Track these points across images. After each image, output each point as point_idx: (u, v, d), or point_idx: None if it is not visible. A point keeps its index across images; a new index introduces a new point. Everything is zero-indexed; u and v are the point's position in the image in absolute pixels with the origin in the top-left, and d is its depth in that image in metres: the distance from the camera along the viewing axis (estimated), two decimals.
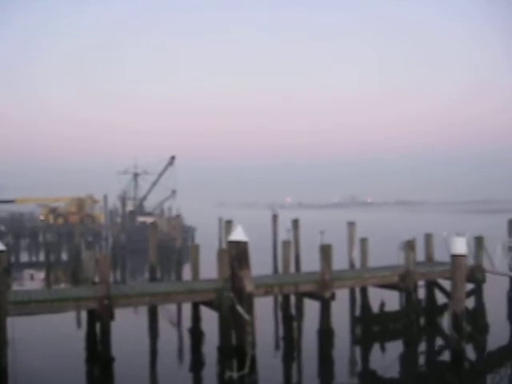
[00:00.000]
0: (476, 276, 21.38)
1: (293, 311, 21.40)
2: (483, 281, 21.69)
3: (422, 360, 18.51)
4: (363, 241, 24.33)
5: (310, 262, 22.70)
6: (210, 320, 18.30)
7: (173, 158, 66.26)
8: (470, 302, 21.55)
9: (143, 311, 22.15)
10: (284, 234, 30.35)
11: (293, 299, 21.58)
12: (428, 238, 24.64)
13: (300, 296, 20.84)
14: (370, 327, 21.51)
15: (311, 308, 20.62)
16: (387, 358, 18.18)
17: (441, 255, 23.11)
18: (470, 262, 21.60)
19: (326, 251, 18.26)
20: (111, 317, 15.71)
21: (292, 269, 25.86)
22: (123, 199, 66.36)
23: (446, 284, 20.27)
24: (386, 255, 24.34)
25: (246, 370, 10.06)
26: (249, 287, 9.86)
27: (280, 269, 27.02)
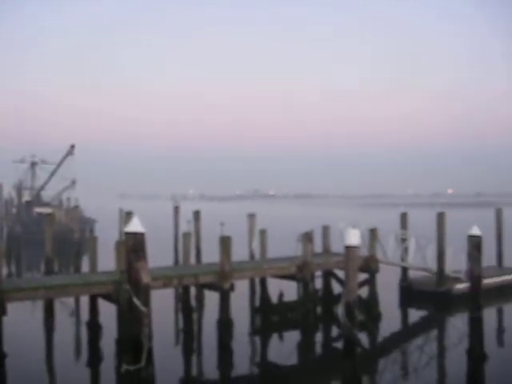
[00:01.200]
0: (370, 266, 22.25)
1: (193, 303, 21.38)
2: (377, 271, 22.60)
3: (318, 348, 19.05)
4: (263, 232, 24.67)
5: (211, 254, 22.73)
6: (109, 313, 17.96)
7: (72, 146, 63.87)
8: (365, 291, 22.49)
9: (39, 305, 21.44)
10: (185, 226, 30.21)
11: (193, 291, 21.57)
12: (325, 230, 25.37)
13: (200, 287, 20.87)
14: (269, 317, 21.88)
15: (211, 299, 20.70)
16: (285, 347, 18.59)
17: (338, 246, 23.89)
18: (365, 252, 22.50)
19: (225, 243, 18.33)
20: (3, 312, 15.04)
21: (193, 260, 25.78)
22: (19, 189, 63.68)
23: (342, 274, 20.96)
24: (285, 247, 24.80)
25: (143, 362, 9.93)
26: (145, 279, 9.73)
27: (180, 260, 26.93)
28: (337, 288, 23.17)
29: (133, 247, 9.72)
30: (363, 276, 22.18)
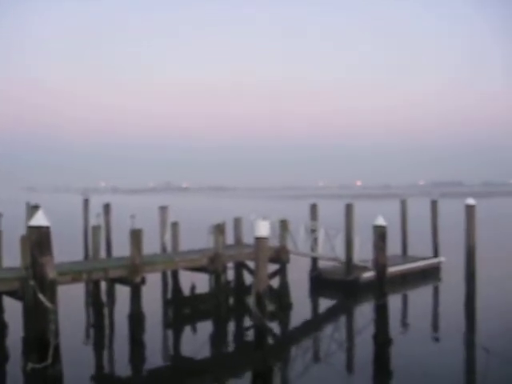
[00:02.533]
0: (281, 257, 22.62)
1: (103, 297, 20.99)
2: (287, 261, 23.00)
3: (230, 339, 19.17)
4: (174, 225, 24.52)
5: (122, 247, 22.37)
6: (15, 310, 17.31)
7: None
8: (276, 282, 22.86)
9: None
10: (94, 219, 29.53)
11: (103, 285, 21.17)
12: (237, 221, 25.55)
13: (110, 282, 20.47)
14: (181, 310, 21.84)
15: (122, 293, 20.39)
16: (198, 339, 18.59)
17: (250, 238, 24.13)
18: (276, 244, 22.85)
19: (136, 236, 18.07)
20: None
21: (103, 254, 25.28)
22: None
23: (254, 265, 21.19)
24: (197, 239, 24.80)
25: (49, 360, 9.66)
26: (51, 274, 9.45)
27: (90, 255, 26.32)
28: (249, 279, 23.38)
29: (37, 242, 9.42)
30: (274, 267, 22.56)
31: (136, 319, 17.67)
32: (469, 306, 21.65)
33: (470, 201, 22.45)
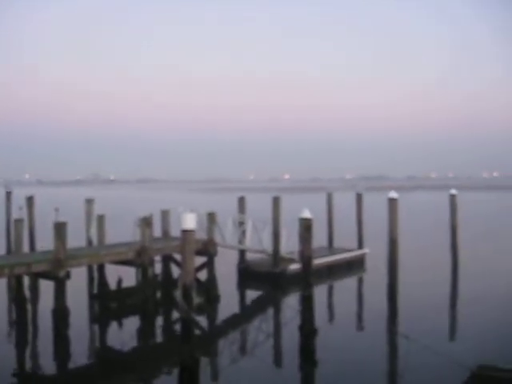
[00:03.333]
0: (208, 249, 22.63)
1: (26, 292, 20.43)
2: (215, 254, 23.04)
3: (158, 333, 19.08)
4: (100, 218, 24.09)
5: (46, 241, 21.82)
6: None
7: None
8: (204, 274, 22.89)
9: None
10: (17, 212, 28.62)
11: (26, 280, 20.60)
12: (164, 214, 25.40)
13: (34, 276, 19.96)
14: (108, 304, 21.52)
15: (47, 288, 19.93)
16: (125, 333, 18.37)
17: (178, 231, 24.04)
18: (204, 236, 22.86)
19: (60, 229, 17.66)
20: None
21: (26, 248, 24.58)
22: None
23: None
24: (124, 232, 24.48)
25: None
26: None
27: (13, 249, 25.51)
28: (176, 272, 23.33)
29: None
30: (202, 259, 22.58)
31: (60, 314, 17.32)
32: (391, 295, 22.35)
33: (393, 194, 23.13)
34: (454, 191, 30.36)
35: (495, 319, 18.95)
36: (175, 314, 20.23)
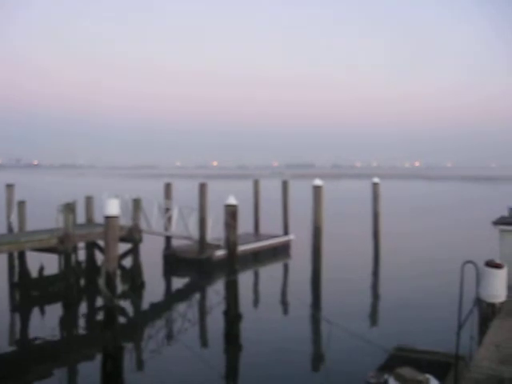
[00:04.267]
0: (133, 236, 22.36)
1: None
2: (140, 240, 22.79)
3: (81, 321, 18.73)
4: (21, 204, 23.33)
5: None
6: None
7: None
8: (129, 261, 22.63)
9: None
10: None
11: None
12: (88, 200, 24.87)
13: None
14: (29, 292, 20.95)
15: None
16: (47, 322, 17.95)
17: (102, 217, 23.63)
18: (129, 222, 22.57)
19: None
20: None
21: None
22: None
23: None
24: (46, 218, 23.84)
25: None
26: None
27: None
28: (101, 259, 22.91)
29: None
30: (127, 246, 22.30)
31: None
32: (315, 280, 22.80)
33: (318, 182, 23.51)
34: (376, 180, 31.18)
35: (413, 302, 19.69)
36: (99, 302, 19.93)
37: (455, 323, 9.27)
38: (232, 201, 16.70)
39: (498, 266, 10.45)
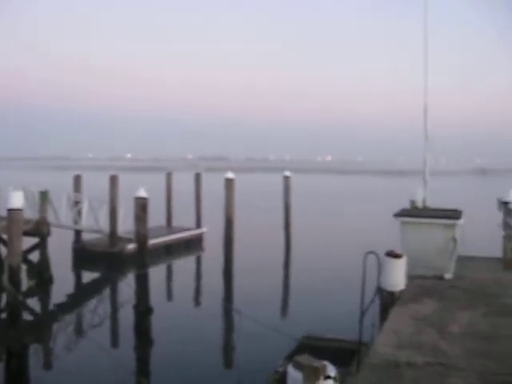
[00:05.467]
0: (41, 229, 21.64)
1: None
2: (48, 234, 22.09)
3: None
4: None
5: None
6: None
7: None
8: (36, 256, 21.90)
9: None
10: None
11: None
12: None
13: None
14: None
15: None
16: None
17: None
18: (35, 215, 21.84)
19: None
20: None
21: None
22: None
23: None
24: None
25: None
26: None
27: None
28: (4, 254, 22.11)
29: None
30: (34, 240, 21.60)
31: None
32: (227, 272, 22.97)
33: (230, 175, 23.70)
34: (287, 173, 31.75)
35: (322, 293, 20.26)
36: (2, 298, 19.22)
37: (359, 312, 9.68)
38: (142, 193, 16.55)
39: (397, 256, 10.96)
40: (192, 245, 30.39)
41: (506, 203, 14.63)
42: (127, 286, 21.17)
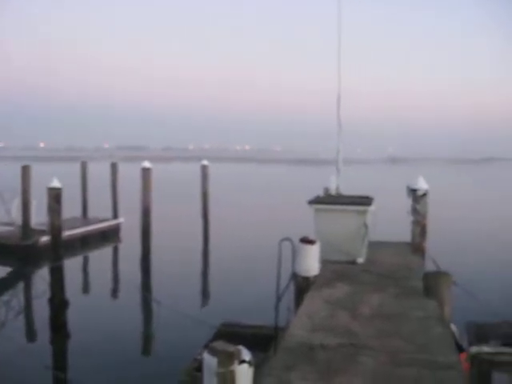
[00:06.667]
0: None
1: None
2: None
3: None
4: None
5: None
6: None
7: None
8: None
9: None
10: None
11: None
12: None
13: None
14: None
15: None
16: None
17: None
18: None
19: None
20: None
21: None
22: None
23: None
24: None
25: None
26: None
27: None
28: None
29: None
30: None
31: None
32: (145, 262, 22.83)
33: (146, 164, 23.52)
34: (205, 162, 31.79)
35: (240, 280, 20.54)
36: None
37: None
38: (55, 184, 16.17)
39: (311, 242, 11.28)
40: (109, 236, 29.92)
41: (414, 190, 15.27)
42: (41, 279, 20.66)
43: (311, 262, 11.21)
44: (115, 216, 31.71)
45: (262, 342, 10.91)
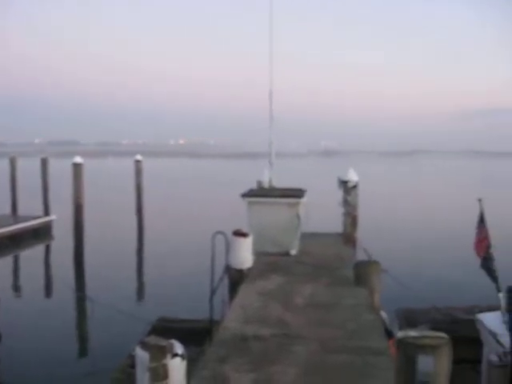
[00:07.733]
0: None
1: None
2: None
3: None
4: None
5: None
6: None
7: None
8: None
9: None
10: None
11: None
12: None
13: None
14: None
15: None
16: None
17: None
18: None
19: None
20: None
21: None
22: None
23: None
24: None
25: None
26: None
27: None
28: None
29: None
30: None
31: None
32: (77, 260, 22.44)
33: (78, 159, 23.07)
34: (139, 157, 31.48)
35: (174, 275, 20.47)
36: None
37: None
38: None
39: (244, 235, 11.41)
40: (40, 233, 29.17)
41: (345, 182, 15.64)
42: None
43: (244, 255, 11.35)
44: (46, 213, 30.93)
45: (197, 335, 10.95)
